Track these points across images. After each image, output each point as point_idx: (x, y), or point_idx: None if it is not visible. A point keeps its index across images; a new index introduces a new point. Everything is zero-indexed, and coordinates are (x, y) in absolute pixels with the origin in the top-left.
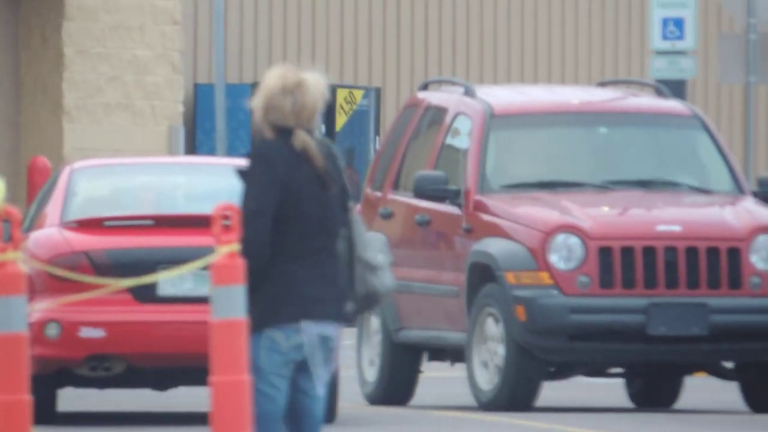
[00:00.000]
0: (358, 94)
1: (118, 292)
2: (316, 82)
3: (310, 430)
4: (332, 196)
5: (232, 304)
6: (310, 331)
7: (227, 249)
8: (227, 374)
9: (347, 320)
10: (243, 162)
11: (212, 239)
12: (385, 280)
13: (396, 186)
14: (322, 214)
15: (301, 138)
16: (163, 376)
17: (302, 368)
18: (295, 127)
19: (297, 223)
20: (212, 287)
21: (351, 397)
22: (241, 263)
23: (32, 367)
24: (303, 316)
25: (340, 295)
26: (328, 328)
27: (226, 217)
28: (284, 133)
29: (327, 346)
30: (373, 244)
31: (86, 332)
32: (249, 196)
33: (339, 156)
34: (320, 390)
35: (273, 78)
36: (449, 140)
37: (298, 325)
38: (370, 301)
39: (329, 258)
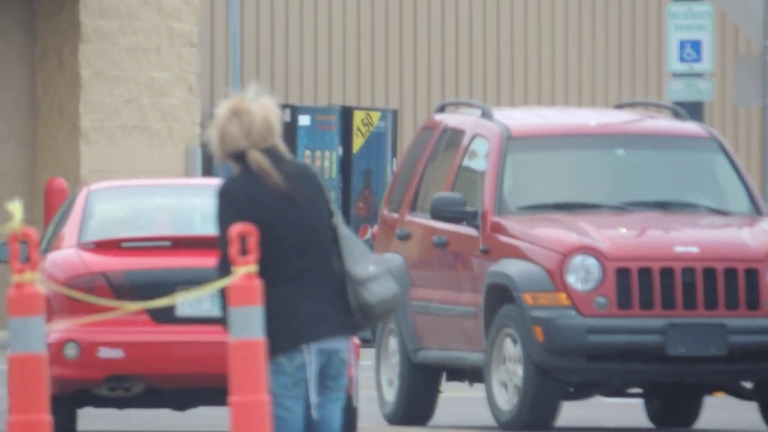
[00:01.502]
0: (375, 116)
1: (136, 312)
2: (262, 103)
3: None
4: (308, 213)
5: (249, 325)
6: (310, 353)
7: (244, 270)
8: (246, 394)
9: (353, 331)
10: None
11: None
12: (376, 290)
13: (413, 207)
14: (302, 235)
15: (254, 157)
16: (182, 396)
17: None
18: (247, 148)
19: (278, 248)
20: (230, 308)
21: (370, 417)
22: (258, 284)
23: (52, 387)
24: (301, 340)
25: (341, 307)
26: (332, 343)
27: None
28: (242, 159)
29: (337, 358)
30: (364, 257)
31: (105, 353)
32: (221, 239)
33: (316, 175)
34: (334, 402)
35: (221, 108)
36: (466, 162)
37: (296, 350)
38: (366, 314)
39: (322, 274)
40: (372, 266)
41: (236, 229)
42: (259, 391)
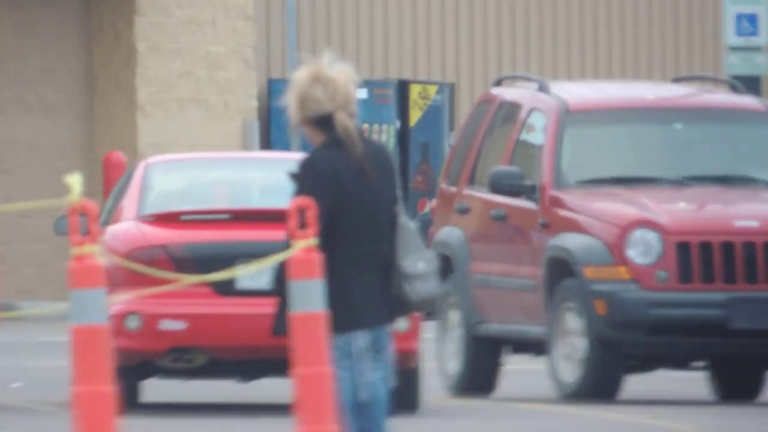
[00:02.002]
0: (432, 90)
1: (197, 285)
2: (341, 69)
3: (376, 413)
4: (379, 196)
5: (310, 298)
6: (358, 340)
7: (304, 244)
8: (309, 366)
9: (395, 320)
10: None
11: (288, 233)
12: (420, 289)
13: (471, 181)
14: (371, 218)
15: (341, 119)
16: (244, 368)
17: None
18: (333, 111)
19: (348, 229)
20: (290, 282)
21: (433, 390)
22: (318, 257)
23: (115, 359)
24: (352, 328)
25: (388, 296)
26: (377, 332)
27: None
28: (325, 123)
29: (383, 333)
30: (416, 252)
31: (167, 325)
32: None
33: (391, 158)
34: (378, 377)
35: (300, 74)
36: (524, 136)
37: (349, 333)
38: (403, 307)
39: (380, 261)
40: (421, 263)
41: (296, 202)
42: (322, 362)
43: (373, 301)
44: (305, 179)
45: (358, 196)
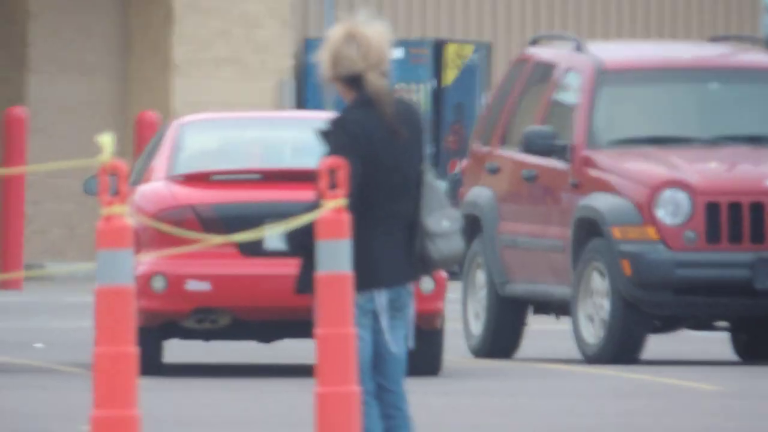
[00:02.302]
0: (468, 49)
1: (224, 246)
2: (376, 27)
3: (395, 372)
4: (407, 155)
5: (337, 258)
6: (381, 298)
7: (333, 204)
8: (333, 327)
9: (417, 278)
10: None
11: (319, 193)
12: (443, 247)
13: (503, 141)
14: (399, 178)
15: (372, 79)
16: (268, 329)
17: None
18: (365, 70)
19: (376, 189)
20: (318, 242)
21: (456, 350)
22: (347, 218)
23: (138, 320)
24: (373, 286)
25: (412, 255)
26: (398, 291)
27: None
28: (357, 82)
29: (405, 291)
30: (440, 210)
31: (192, 285)
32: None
33: (420, 117)
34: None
35: (334, 31)
36: (558, 96)
37: (370, 292)
38: (425, 265)
39: (405, 221)
40: (445, 221)
41: (327, 162)
42: (346, 324)
43: (395, 261)
44: (336, 138)
45: (387, 157)
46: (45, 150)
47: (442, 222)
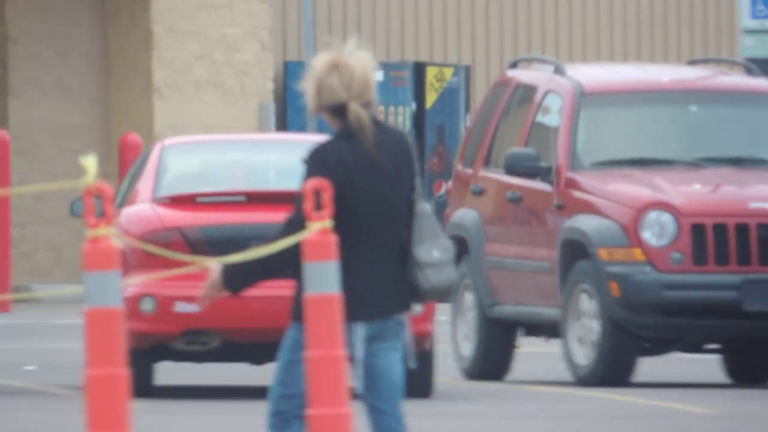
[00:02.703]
0: (448, 72)
1: None
2: (361, 56)
3: (391, 396)
4: (391, 187)
5: (324, 280)
6: (357, 332)
7: (319, 225)
8: (322, 349)
9: (407, 308)
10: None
11: (305, 215)
12: (433, 277)
13: (487, 163)
14: (381, 211)
15: (354, 110)
16: (258, 351)
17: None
18: (348, 101)
19: (355, 222)
20: (304, 263)
21: (447, 372)
22: (333, 239)
23: (128, 342)
24: (352, 318)
25: (402, 285)
26: (383, 323)
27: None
28: (340, 112)
29: (391, 321)
30: (432, 240)
31: (181, 307)
32: (298, 197)
33: (409, 146)
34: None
35: (318, 60)
36: (540, 118)
37: (350, 324)
38: (416, 295)
39: (391, 252)
40: (436, 251)
41: (311, 184)
42: (335, 345)
43: (378, 293)
44: (311, 168)
45: (370, 187)
46: (28, 173)
47: (432, 252)
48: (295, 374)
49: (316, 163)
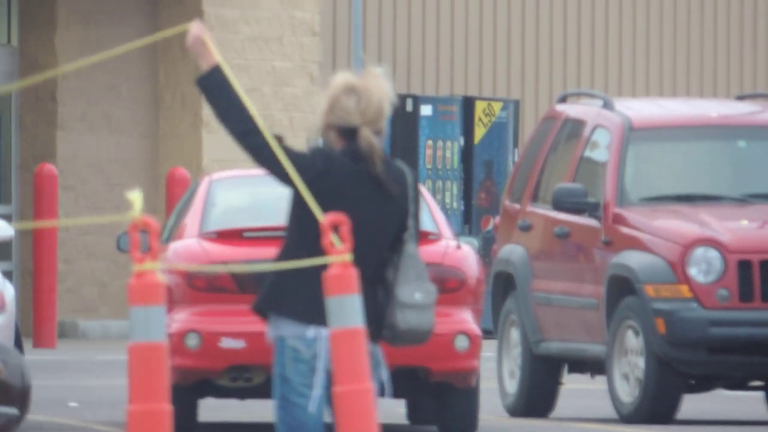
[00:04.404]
0: (497, 107)
1: None
2: (380, 84)
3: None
4: (381, 220)
5: (347, 314)
6: (323, 335)
7: (340, 259)
8: (349, 383)
9: (378, 341)
10: None
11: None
12: (411, 319)
13: (535, 198)
14: (364, 239)
15: (365, 136)
16: None
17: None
18: (360, 125)
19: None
20: (327, 298)
21: (492, 409)
22: (354, 273)
23: (172, 377)
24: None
25: (375, 318)
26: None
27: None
28: (349, 135)
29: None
30: (417, 282)
31: (226, 343)
32: (284, 149)
33: (410, 184)
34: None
35: (337, 79)
36: (588, 153)
37: (316, 330)
38: (393, 333)
39: (366, 279)
40: (419, 294)
41: (330, 218)
42: (363, 379)
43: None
44: (314, 155)
45: (356, 208)
46: (75, 208)
47: (415, 294)
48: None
49: (322, 153)
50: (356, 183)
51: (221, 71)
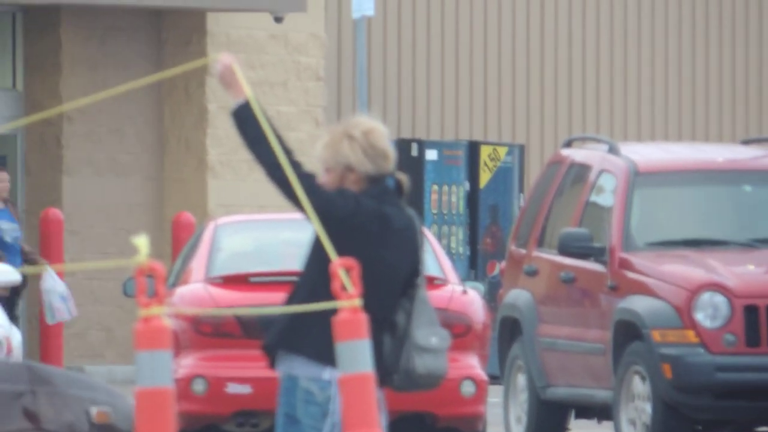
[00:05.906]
0: (502, 151)
1: None
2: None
3: None
4: (395, 264)
5: (357, 359)
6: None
7: (349, 304)
8: (358, 429)
9: (386, 386)
10: None
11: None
12: (430, 363)
13: (541, 243)
14: (378, 284)
15: (403, 178)
16: None
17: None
18: (387, 170)
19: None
20: (337, 343)
21: None
22: (364, 318)
23: (179, 423)
24: (329, 361)
25: (383, 364)
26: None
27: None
28: (377, 181)
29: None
30: (430, 327)
31: (233, 388)
32: (307, 177)
33: (416, 228)
34: None
35: (377, 127)
36: (593, 197)
37: (332, 372)
38: (409, 378)
39: (376, 323)
40: (435, 338)
41: (340, 262)
42: (372, 425)
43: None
44: (337, 191)
45: (381, 249)
46: (81, 252)
47: (431, 338)
48: None
49: (351, 194)
50: (381, 225)
51: (252, 104)
